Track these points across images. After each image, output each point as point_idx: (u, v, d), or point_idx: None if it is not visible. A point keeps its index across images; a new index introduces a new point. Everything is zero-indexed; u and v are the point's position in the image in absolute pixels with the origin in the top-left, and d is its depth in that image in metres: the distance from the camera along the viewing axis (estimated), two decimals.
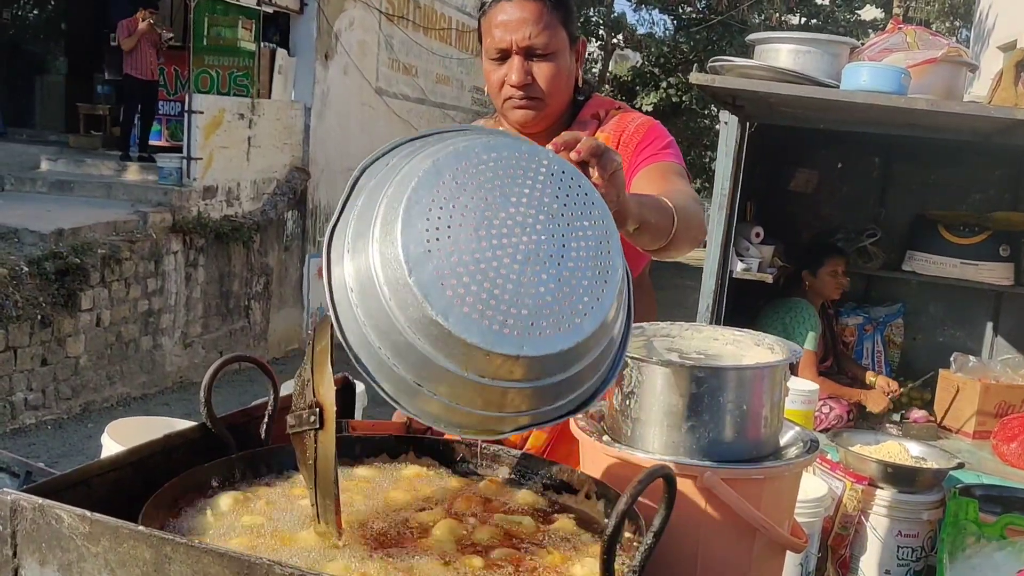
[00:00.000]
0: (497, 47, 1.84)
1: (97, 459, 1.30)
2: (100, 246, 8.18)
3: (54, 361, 7.79)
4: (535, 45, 1.82)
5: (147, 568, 1.03)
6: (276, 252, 10.55)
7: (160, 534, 1.03)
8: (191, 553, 1.01)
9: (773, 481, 1.55)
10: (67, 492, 1.20)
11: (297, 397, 1.30)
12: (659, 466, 1.10)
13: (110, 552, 1.05)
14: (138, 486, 1.28)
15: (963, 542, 1.89)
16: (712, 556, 1.53)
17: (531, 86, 1.84)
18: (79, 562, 1.07)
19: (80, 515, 1.06)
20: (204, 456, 1.40)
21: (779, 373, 1.62)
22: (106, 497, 1.26)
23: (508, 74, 1.84)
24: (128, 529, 1.04)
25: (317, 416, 1.23)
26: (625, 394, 1.60)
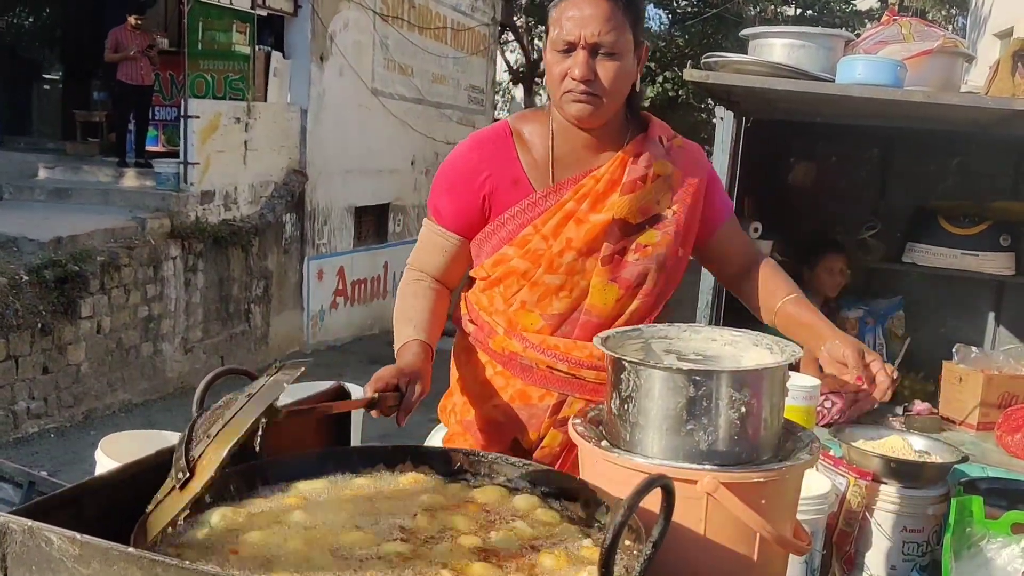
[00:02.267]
0: (565, 39, 1.85)
1: (89, 477, 1.29)
2: (99, 253, 8.17)
3: (55, 369, 7.78)
4: (602, 43, 1.84)
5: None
6: (275, 255, 10.53)
7: (151, 556, 1.01)
8: (182, 574, 0.99)
9: (774, 483, 1.54)
10: (58, 512, 1.18)
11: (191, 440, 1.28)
12: (656, 476, 1.09)
13: (101, 574, 1.03)
14: (131, 504, 1.27)
15: (968, 540, 1.88)
16: (714, 560, 1.51)
17: (593, 82, 1.86)
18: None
19: (70, 537, 1.05)
20: None
21: (778, 374, 1.60)
22: (99, 516, 1.25)
23: (572, 67, 1.86)
24: (118, 551, 1.02)
25: (183, 480, 1.22)
26: (623, 398, 1.58)
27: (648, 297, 1.98)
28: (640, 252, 1.95)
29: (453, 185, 2.00)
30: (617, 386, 1.60)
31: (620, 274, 1.95)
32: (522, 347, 1.96)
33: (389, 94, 12.80)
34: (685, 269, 2.09)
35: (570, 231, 1.91)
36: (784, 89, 3.35)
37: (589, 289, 1.94)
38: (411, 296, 1.98)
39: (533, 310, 1.95)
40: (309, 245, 11.12)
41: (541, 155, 1.97)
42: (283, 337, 10.85)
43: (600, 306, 1.95)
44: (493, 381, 2.01)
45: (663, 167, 1.96)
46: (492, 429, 2.03)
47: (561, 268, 1.92)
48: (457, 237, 2.01)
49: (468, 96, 15.72)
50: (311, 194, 11.16)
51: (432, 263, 2.02)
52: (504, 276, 1.96)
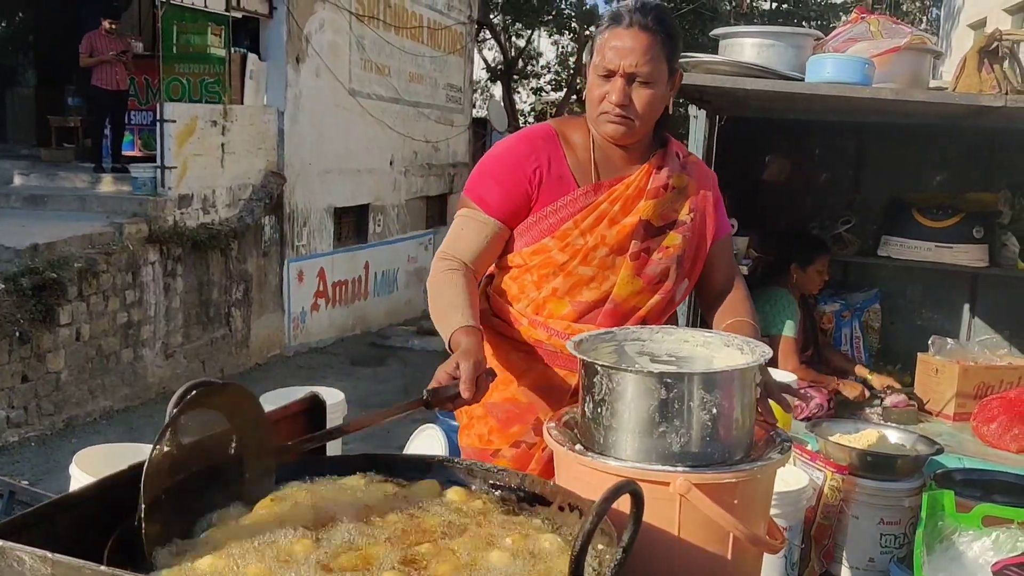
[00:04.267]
0: (606, 67, 2.04)
1: (63, 493, 1.29)
2: (76, 260, 8.11)
3: (35, 377, 7.72)
4: (639, 73, 2.03)
5: None
6: (255, 258, 10.49)
7: (124, 574, 1.02)
8: None
9: (746, 483, 1.56)
10: (31, 531, 1.18)
11: None
12: (624, 482, 1.10)
13: None
14: (106, 519, 1.27)
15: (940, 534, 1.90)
16: (688, 561, 1.53)
17: (628, 107, 2.05)
18: None
19: (41, 556, 1.05)
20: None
21: (749, 375, 1.62)
22: (73, 534, 1.25)
23: (610, 92, 2.05)
24: (91, 570, 1.03)
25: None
26: (596, 401, 1.60)
27: (667, 293, 2.15)
28: (663, 252, 2.13)
29: (503, 173, 2.14)
30: (590, 390, 1.61)
31: (645, 270, 2.12)
32: (547, 335, 2.10)
33: (366, 94, 12.77)
34: (699, 274, 2.24)
35: (604, 229, 2.09)
36: (754, 88, 3.38)
37: (617, 282, 2.10)
38: (448, 285, 2.04)
39: (564, 298, 2.11)
40: (288, 247, 11.08)
41: (584, 157, 2.16)
42: (264, 340, 10.82)
43: (625, 295, 2.11)
44: (518, 364, 2.15)
45: (680, 179, 2.17)
46: (515, 409, 2.16)
47: (595, 262, 2.10)
48: (500, 224, 2.13)
49: (446, 95, 15.70)
50: (290, 196, 11.12)
51: (470, 249, 2.10)
52: (541, 265, 2.11)
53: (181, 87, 10.11)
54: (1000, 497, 2.84)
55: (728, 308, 2.20)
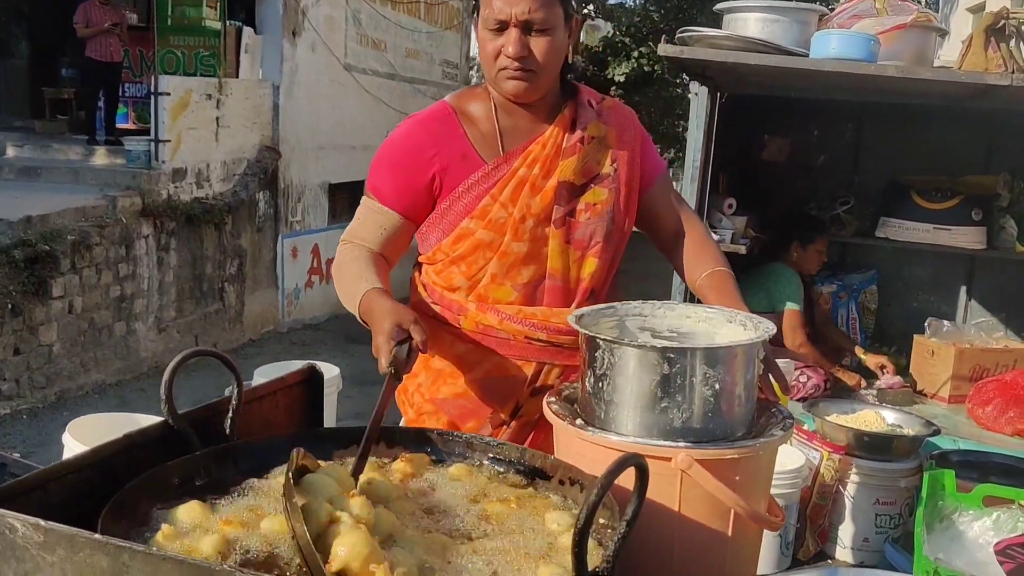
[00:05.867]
0: (496, 18, 1.88)
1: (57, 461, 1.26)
2: (70, 232, 8.05)
3: (27, 350, 7.68)
4: (533, 20, 1.87)
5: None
6: (249, 233, 10.43)
7: (117, 542, 0.99)
8: (150, 561, 0.98)
9: (748, 460, 1.54)
10: (23, 498, 1.16)
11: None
12: (630, 455, 1.08)
13: (67, 562, 1.02)
14: (100, 488, 1.25)
15: (940, 514, 1.89)
16: (689, 536, 1.52)
17: (527, 59, 1.89)
18: (35, 572, 1.04)
19: (34, 524, 1.03)
20: (167, 454, 1.37)
21: (751, 351, 1.60)
22: (66, 501, 1.22)
23: (505, 45, 1.89)
24: (84, 537, 1.01)
25: None
26: (598, 376, 1.58)
27: (603, 255, 2.01)
28: (590, 211, 1.99)
29: (396, 164, 1.99)
30: (591, 364, 1.59)
31: (574, 235, 1.98)
32: (498, 320, 1.95)
33: (362, 69, 12.69)
34: (632, 228, 2.10)
35: (527, 198, 1.94)
36: (757, 64, 3.35)
37: (549, 254, 1.97)
38: (352, 261, 1.94)
39: (504, 282, 1.96)
40: (283, 223, 11.03)
41: (487, 129, 2.00)
42: (258, 316, 10.79)
43: (561, 270, 1.98)
44: (467, 357, 2.00)
45: (597, 128, 2.01)
46: (469, 403, 2.02)
47: (526, 235, 1.95)
48: (398, 216, 1.99)
49: (442, 71, 15.61)
50: (284, 171, 11.06)
51: (371, 239, 1.98)
52: (469, 251, 1.96)
53: (176, 60, 10.02)
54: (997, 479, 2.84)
55: (695, 255, 2.07)
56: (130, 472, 1.29)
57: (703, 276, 2.04)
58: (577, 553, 1.01)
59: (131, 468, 1.31)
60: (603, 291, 2.04)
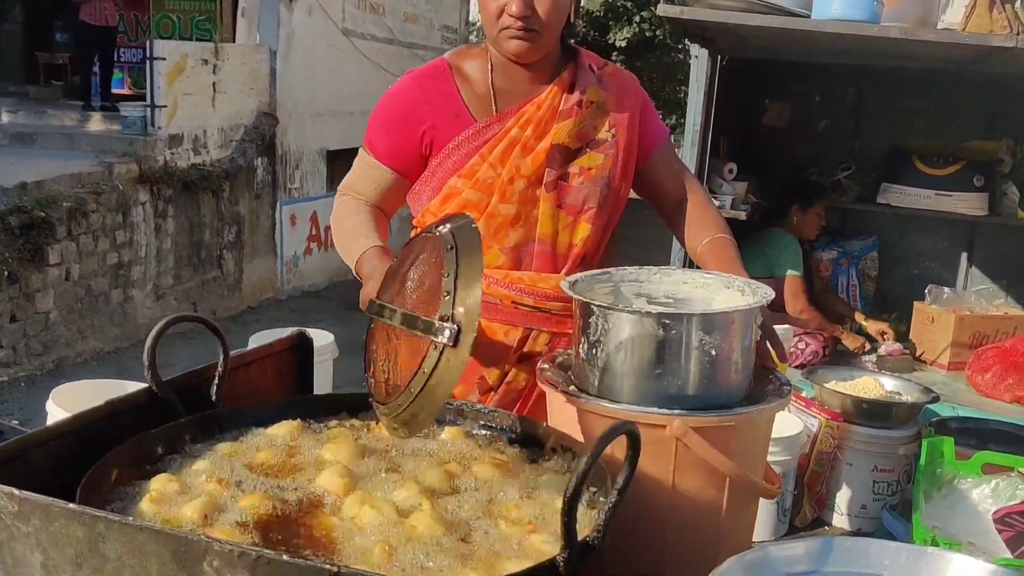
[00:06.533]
0: None
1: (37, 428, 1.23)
2: (65, 199, 7.99)
3: (23, 317, 7.65)
4: None
5: (80, 547, 0.97)
6: (247, 200, 10.36)
7: (93, 511, 0.97)
8: (125, 531, 0.95)
9: (744, 427, 1.51)
10: (2, 467, 1.13)
11: (425, 294, 1.27)
12: (621, 422, 1.05)
13: (42, 532, 0.99)
14: (83, 456, 1.22)
15: (939, 481, 1.87)
16: (684, 505, 1.49)
17: (530, 18, 1.84)
18: (9, 542, 1.02)
19: (8, 493, 1.00)
20: (151, 421, 1.34)
21: (749, 317, 1.57)
22: (47, 470, 1.20)
23: (508, 4, 1.84)
24: (59, 507, 0.98)
25: (454, 335, 1.22)
26: (591, 343, 1.54)
27: (596, 221, 1.97)
28: (584, 175, 1.95)
29: (390, 121, 1.98)
30: (585, 331, 1.56)
31: (566, 199, 1.94)
32: (485, 284, 1.89)
33: (360, 34, 12.55)
34: (628, 195, 2.06)
35: (517, 159, 1.91)
36: (758, 25, 3.29)
37: (539, 218, 1.94)
38: (352, 214, 1.94)
39: (491, 245, 1.93)
40: (281, 190, 10.95)
41: (481, 88, 1.97)
42: (257, 283, 10.75)
43: (551, 234, 1.94)
44: None
45: (596, 93, 1.97)
46: None
47: (514, 197, 1.91)
48: (391, 172, 1.98)
49: (441, 36, 15.45)
50: (282, 137, 10.96)
51: (367, 193, 1.99)
52: (456, 212, 1.91)
53: (171, 24, 9.92)
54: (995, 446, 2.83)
55: (696, 222, 2.04)
56: (113, 440, 1.26)
57: (704, 243, 2.00)
58: (566, 522, 0.98)
59: (114, 436, 1.28)
60: (595, 257, 2.01)
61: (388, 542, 1.11)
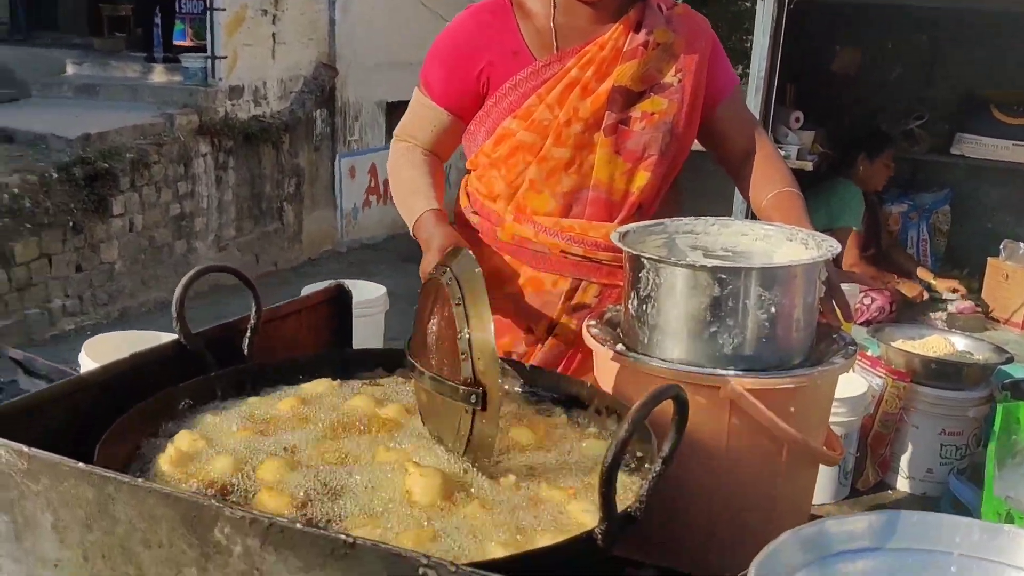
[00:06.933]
0: None
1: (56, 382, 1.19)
2: (128, 150, 8.08)
3: (88, 267, 7.79)
4: None
5: (90, 509, 0.93)
6: (306, 152, 10.38)
7: (102, 472, 0.92)
8: (136, 493, 0.90)
9: (804, 390, 1.41)
10: (19, 421, 1.09)
11: (447, 354, 1.24)
12: (666, 386, 0.96)
13: (51, 491, 0.95)
14: (107, 411, 1.17)
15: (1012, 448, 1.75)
16: (737, 472, 1.40)
17: None
18: (20, 501, 0.97)
19: (17, 450, 0.95)
20: (180, 375, 1.29)
21: (812, 271, 1.46)
22: (68, 424, 1.16)
23: None
24: (68, 466, 0.93)
25: (480, 399, 1.19)
26: (641, 298, 1.46)
27: (656, 169, 1.87)
28: (647, 120, 1.84)
29: (446, 57, 1.90)
30: (635, 285, 1.47)
31: (625, 145, 1.84)
32: (534, 232, 1.85)
33: None
34: (692, 144, 1.96)
35: (575, 101, 1.81)
36: None
37: (595, 163, 1.84)
38: (408, 167, 1.88)
39: (543, 190, 1.85)
40: (340, 142, 10.93)
41: (543, 25, 1.86)
42: (316, 235, 10.79)
43: (607, 181, 1.85)
44: (503, 270, 1.91)
45: (664, 35, 1.85)
46: (503, 319, 1.92)
47: (569, 141, 1.82)
48: (447, 113, 1.90)
49: None
50: (341, 89, 10.92)
51: (421, 135, 1.92)
52: (509, 154, 1.86)
53: None
54: None
55: (762, 175, 1.92)
56: (140, 394, 1.22)
57: (769, 197, 1.89)
58: (604, 493, 0.91)
59: (141, 390, 1.23)
60: (652, 208, 1.91)
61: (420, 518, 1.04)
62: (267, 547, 0.84)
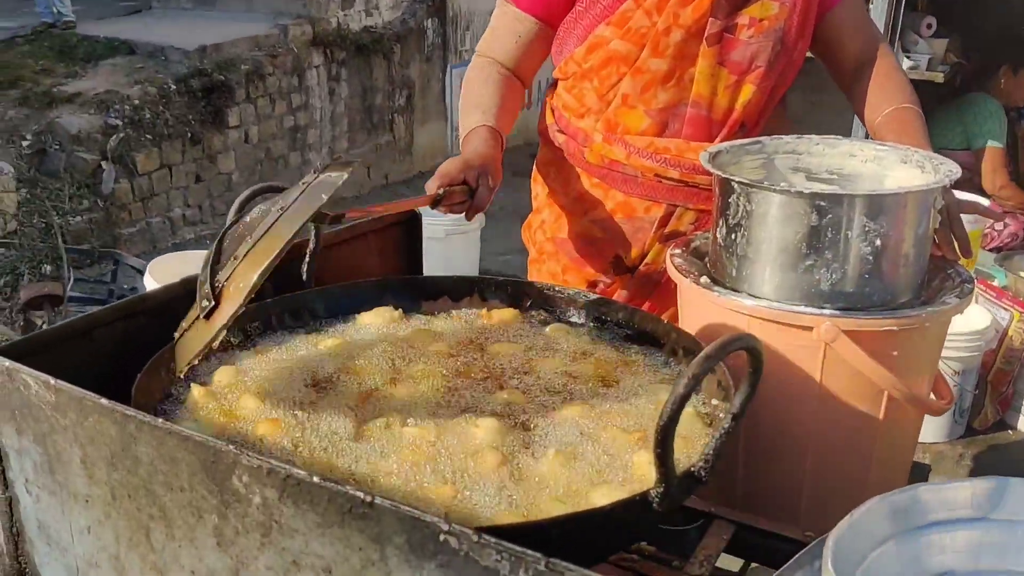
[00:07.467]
0: None
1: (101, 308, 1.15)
2: (243, 62, 8.19)
3: (207, 177, 8.01)
4: None
5: (114, 447, 0.88)
6: (417, 63, 10.31)
7: (124, 410, 0.87)
8: (156, 434, 0.85)
9: (910, 333, 1.27)
10: (62, 347, 1.06)
11: (219, 261, 1.09)
12: (738, 335, 0.84)
13: (78, 426, 0.91)
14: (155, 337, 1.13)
15: None
16: (830, 421, 1.28)
17: None
18: (51, 434, 0.94)
19: (44, 382, 0.91)
20: None
21: (927, 199, 1.30)
22: (114, 352, 1.12)
23: None
24: (92, 402, 0.88)
25: (209, 308, 1.03)
26: (731, 226, 1.33)
27: (764, 82, 1.69)
28: (755, 28, 1.66)
29: None
30: (724, 212, 1.34)
31: (730, 56, 1.67)
32: (625, 154, 1.71)
33: None
34: (804, 55, 1.76)
35: (676, 6, 1.64)
36: None
37: (696, 76, 1.67)
38: (479, 83, 1.75)
39: (636, 105, 1.70)
40: (451, 53, 10.81)
41: None
42: (427, 147, 10.78)
43: (708, 96, 1.68)
44: (590, 194, 1.79)
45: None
46: (589, 246, 1.82)
47: (668, 51, 1.65)
48: (535, 21, 1.75)
49: None
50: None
51: (504, 51, 1.77)
52: (601, 65, 1.71)
53: None
54: None
55: (879, 90, 1.72)
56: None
57: (884, 114, 1.69)
58: (660, 455, 0.81)
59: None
60: (756, 128, 1.74)
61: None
62: (285, 499, 0.78)
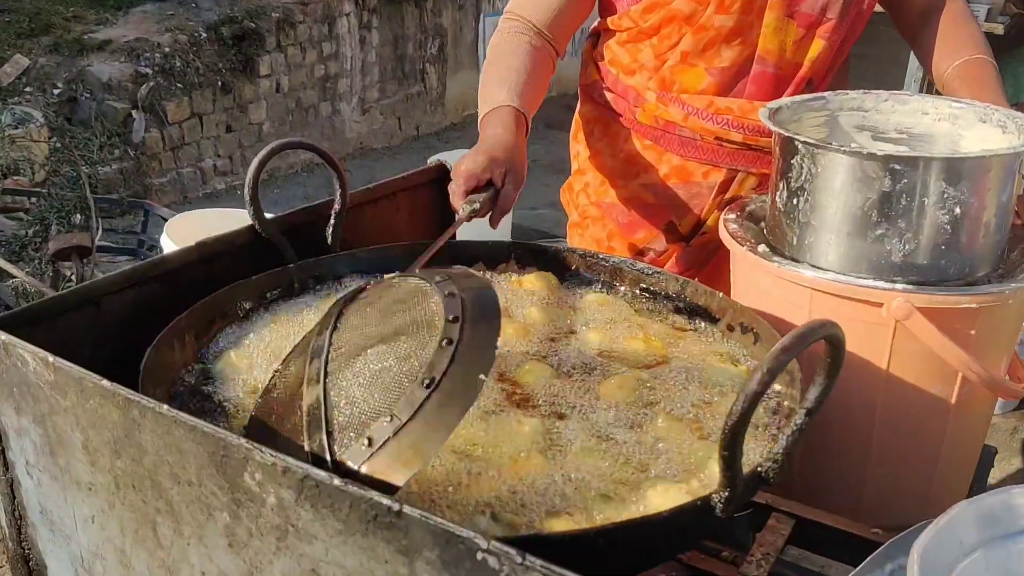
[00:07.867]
0: None
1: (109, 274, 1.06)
2: (274, 9, 8.08)
3: (238, 127, 7.93)
4: None
5: (117, 433, 0.80)
6: (450, 12, 10.12)
7: (127, 394, 0.78)
8: (161, 421, 0.76)
9: (990, 311, 1.16)
10: (66, 317, 0.97)
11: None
12: (819, 323, 0.74)
13: (79, 408, 0.82)
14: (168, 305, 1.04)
15: None
16: (898, 403, 1.18)
17: None
18: (51, 416, 0.86)
19: (43, 359, 0.83)
20: (253, 266, 1.15)
21: (1013, 163, 1.18)
22: (124, 320, 1.03)
23: None
24: (92, 383, 0.80)
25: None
26: (792, 190, 1.21)
27: (834, 36, 1.56)
28: None
29: None
30: (786, 174, 1.23)
31: (799, 7, 1.54)
32: (682, 115, 1.58)
33: None
34: (874, 5, 1.63)
35: None
36: None
37: (762, 31, 1.54)
38: (507, 53, 1.58)
39: (697, 63, 1.57)
40: (485, 0, 10.61)
41: None
42: (459, 98, 10.62)
43: (776, 51, 1.55)
44: (641, 157, 1.66)
45: None
46: (640, 211, 1.69)
47: (735, 7, 1.53)
48: None
49: None
50: None
51: (539, 12, 1.60)
52: (661, 24, 1.58)
53: None
54: None
55: (948, 40, 1.59)
56: (207, 288, 1.08)
57: (955, 65, 1.55)
58: (726, 459, 0.71)
59: (208, 281, 1.10)
60: (823, 84, 1.60)
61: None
62: (303, 502, 0.69)
